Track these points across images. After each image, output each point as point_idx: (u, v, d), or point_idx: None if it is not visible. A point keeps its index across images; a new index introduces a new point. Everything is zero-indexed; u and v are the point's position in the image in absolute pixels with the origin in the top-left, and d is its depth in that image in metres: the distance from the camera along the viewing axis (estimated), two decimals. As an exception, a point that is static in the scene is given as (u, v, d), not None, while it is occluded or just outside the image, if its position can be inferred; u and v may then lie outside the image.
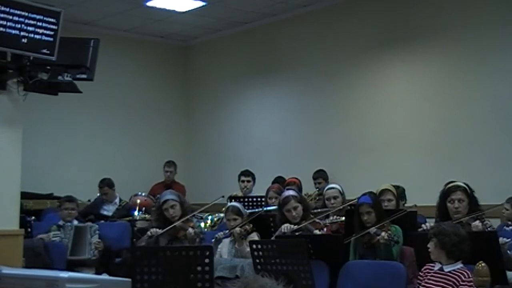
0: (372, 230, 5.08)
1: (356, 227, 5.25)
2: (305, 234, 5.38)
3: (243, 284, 2.49)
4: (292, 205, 5.57)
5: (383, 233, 5.00)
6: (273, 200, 6.73)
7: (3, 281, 3.33)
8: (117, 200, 8.36)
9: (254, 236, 5.72)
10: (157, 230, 5.86)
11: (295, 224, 5.54)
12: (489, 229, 4.92)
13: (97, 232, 6.72)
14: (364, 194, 5.38)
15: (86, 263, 6.53)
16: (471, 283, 4.08)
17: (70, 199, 7.06)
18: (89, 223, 7.00)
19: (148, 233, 5.93)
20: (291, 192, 5.79)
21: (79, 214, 7.31)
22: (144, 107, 10.46)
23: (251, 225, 5.80)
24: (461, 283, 4.13)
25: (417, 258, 4.78)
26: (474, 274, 4.04)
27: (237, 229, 5.69)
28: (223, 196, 6.36)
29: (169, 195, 6.14)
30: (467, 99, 7.54)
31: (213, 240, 5.83)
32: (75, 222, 6.93)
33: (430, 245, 4.29)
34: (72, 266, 6.28)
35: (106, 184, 8.37)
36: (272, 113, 9.67)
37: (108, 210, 8.23)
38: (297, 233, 5.45)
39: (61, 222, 6.88)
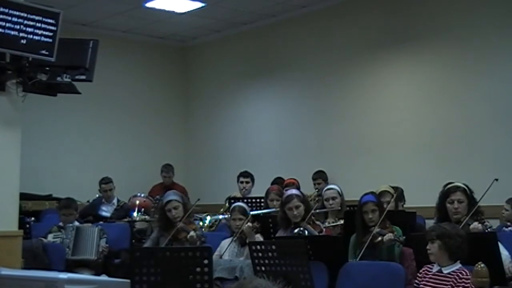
0: (375, 230, 5.08)
1: (358, 227, 5.25)
2: (304, 235, 5.38)
3: (239, 285, 2.49)
4: (295, 204, 5.57)
5: (389, 233, 5.00)
6: (274, 202, 6.72)
7: (2, 282, 3.32)
8: (115, 201, 8.34)
9: (259, 237, 5.71)
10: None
11: (294, 224, 5.53)
12: (488, 230, 4.91)
13: (105, 236, 6.68)
14: (366, 194, 5.39)
15: (87, 264, 6.51)
16: (468, 281, 4.08)
17: (67, 205, 6.94)
18: (98, 226, 6.94)
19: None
20: (295, 191, 5.82)
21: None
22: (143, 108, 10.46)
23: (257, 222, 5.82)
24: (459, 280, 4.14)
25: (416, 259, 4.78)
26: (474, 275, 4.04)
27: (249, 224, 5.69)
28: (199, 199, 6.33)
29: (172, 195, 6.12)
30: (466, 100, 7.54)
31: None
32: (76, 223, 6.91)
33: (432, 247, 4.27)
34: (71, 266, 6.28)
35: (110, 181, 8.33)
36: (271, 114, 9.66)
37: (107, 211, 8.23)
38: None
39: (61, 223, 6.88)
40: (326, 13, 8.94)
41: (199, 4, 8.92)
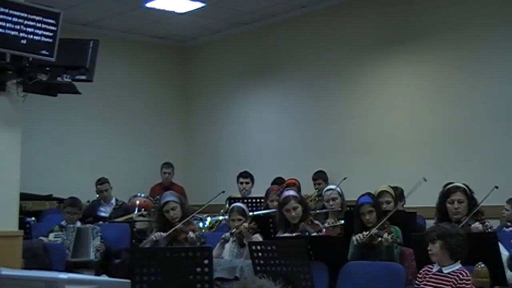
0: (374, 231, 5.08)
1: (356, 228, 5.25)
2: (304, 235, 5.37)
3: (241, 285, 2.49)
4: (292, 205, 5.56)
5: (386, 235, 4.99)
6: (274, 202, 6.71)
7: (2, 282, 3.33)
8: (113, 201, 8.33)
9: (258, 237, 5.70)
10: (161, 233, 5.78)
11: (293, 225, 5.53)
12: (489, 230, 4.91)
13: (99, 234, 6.71)
14: (363, 195, 5.38)
15: (86, 265, 6.52)
16: (469, 282, 4.09)
17: (72, 203, 6.98)
18: (90, 225, 6.97)
19: (153, 237, 5.85)
20: (292, 192, 5.79)
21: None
22: (143, 108, 10.46)
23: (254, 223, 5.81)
24: (459, 281, 4.14)
25: (416, 259, 4.78)
26: (474, 275, 4.04)
27: (245, 224, 5.68)
28: (223, 192, 6.34)
29: (169, 196, 6.10)
30: (466, 100, 7.55)
31: (221, 241, 5.80)
32: (78, 224, 6.92)
33: (433, 248, 4.27)
34: (71, 267, 6.28)
35: (106, 181, 8.33)
36: (271, 114, 9.66)
37: (105, 211, 8.22)
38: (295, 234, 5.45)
39: (63, 223, 6.88)
40: (326, 13, 8.94)
41: (199, 4, 8.92)
